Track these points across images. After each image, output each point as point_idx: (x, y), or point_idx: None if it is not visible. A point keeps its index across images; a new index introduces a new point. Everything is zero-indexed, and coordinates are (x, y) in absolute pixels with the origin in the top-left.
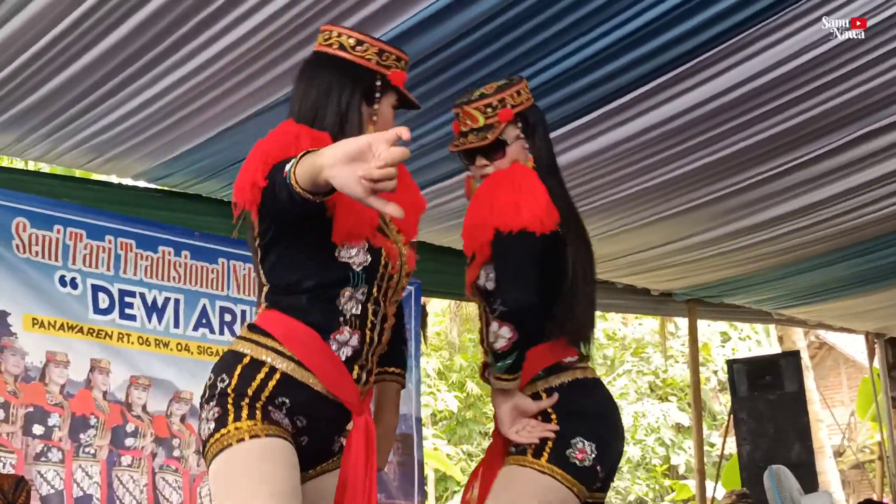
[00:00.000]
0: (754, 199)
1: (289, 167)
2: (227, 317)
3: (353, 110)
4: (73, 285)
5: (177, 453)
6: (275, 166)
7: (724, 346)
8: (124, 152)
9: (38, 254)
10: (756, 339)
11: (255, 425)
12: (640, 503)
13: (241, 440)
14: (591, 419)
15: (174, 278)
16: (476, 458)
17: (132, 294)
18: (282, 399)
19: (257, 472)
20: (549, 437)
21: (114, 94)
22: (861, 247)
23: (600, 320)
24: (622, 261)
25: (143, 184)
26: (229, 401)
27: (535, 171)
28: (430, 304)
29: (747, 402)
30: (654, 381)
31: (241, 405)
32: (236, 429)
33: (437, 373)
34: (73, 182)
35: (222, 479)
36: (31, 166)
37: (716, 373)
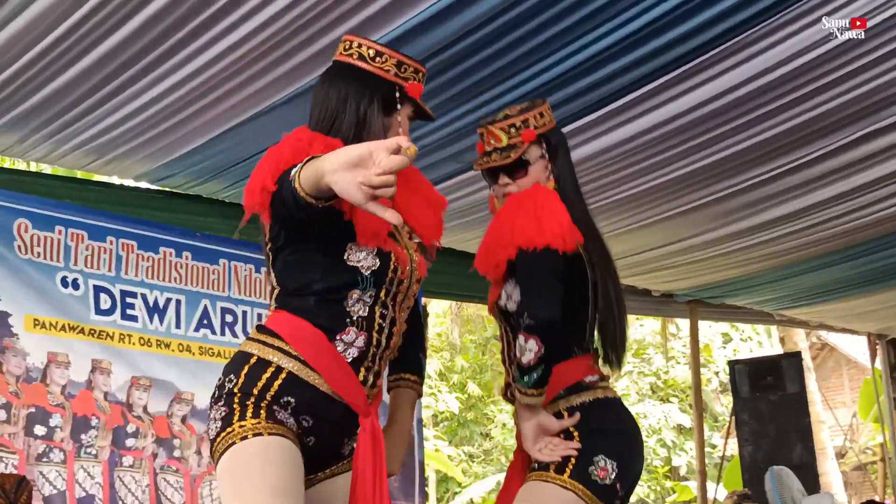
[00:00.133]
0: (756, 199)
1: (294, 171)
2: (229, 317)
3: (371, 120)
4: (75, 286)
5: (178, 454)
6: (285, 171)
7: (725, 348)
8: (125, 153)
9: (39, 255)
10: (757, 340)
11: (259, 423)
12: None
13: (244, 438)
14: (612, 437)
15: (175, 279)
16: (477, 459)
17: (133, 295)
18: (287, 398)
19: (259, 469)
20: (572, 455)
21: (115, 96)
22: (863, 247)
23: None
24: (623, 262)
25: (144, 185)
26: (235, 400)
27: (558, 192)
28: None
29: (749, 403)
30: (655, 382)
31: (247, 404)
32: (241, 427)
33: (439, 374)
34: (75, 183)
35: (227, 476)
36: (33, 167)
37: (717, 374)
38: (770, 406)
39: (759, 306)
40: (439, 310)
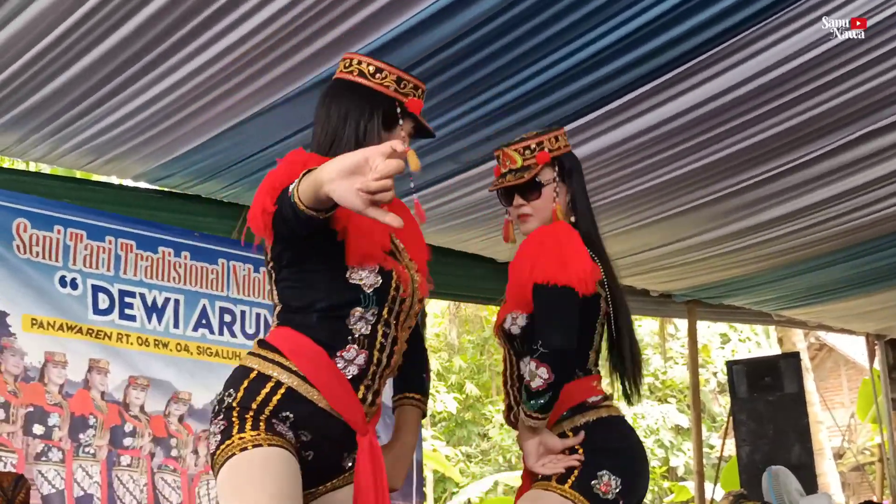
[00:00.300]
0: (754, 199)
1: (292, 186)
2: (227, 317)
3: (371, 136)
4: (74, 286)
5: (175, 453)
6: (283, 190)
7: (723, 348)
8: (124, 153)
9: (38, 254)
10: (756, 341)
11: (259, 435)
12: None
13: (243, 449)
14: (617, 455)
15: (174, 279)
16: (474, 460)
17: (132, 294)
18: (286, 413)
19: (259, 478)
20: (575, 467)
21: (114, 96)
22: (861, 248)
23: None
24: (621, 262)
25: (143, 185)
26: (234, 414)
27: (574, 213)
28: (428, 305)
29: (747, 403)
30: (653, 382)
31: (246, 418)
32: (240, 439)
33: (436, 374)
34: (74, 183)
35: (227, 487)
36: (32, 167)
37: (715, 374)
38: (768, 406)
39: (758, 306)
40: (437, 310)
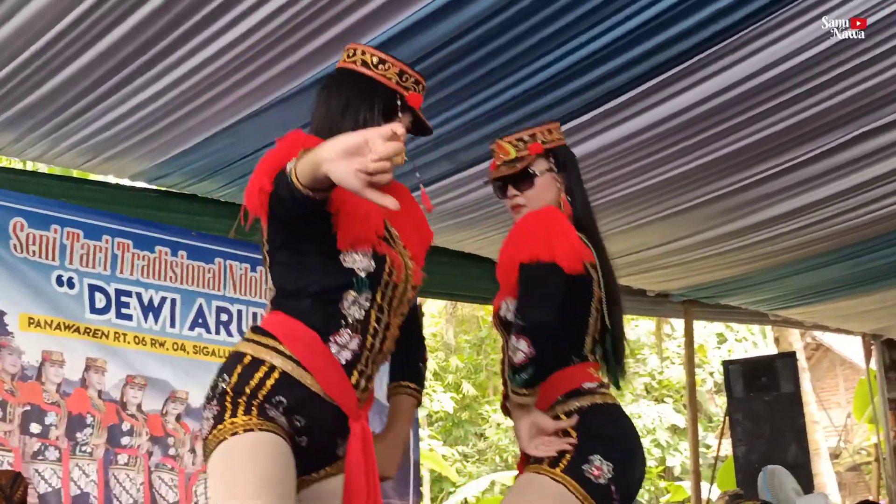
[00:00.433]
0: (751, 199)
1: (290, 165)
2: (224, 316)
3: (371, 125)
4: (70, 285)
5: (172, 452)
6: (280, 170)
7: (720, 348)
8: (121, 153)
9: (35, 253)
10: (752, 341)
11: (251, 420)
12: None
13: (235, 433)
14: (610, 441)
15: (171, 278)
16: (471, 459)
17: (129, 294)
18: (279, 398)
19: (250, 462)
20: (567, 451)
21: (111, 95)
22: (858, 247)
23: None
24: (618, 261)
25: (140, 184)
26: (227, 399)
27: (571, 206)
28: (425, 305)
29: (743, 403)
30: (649, 382)
31: (238, 402)
32: (232, 423)
33: (433, 374)
34: (71, 182)
35: (217, 470)
36: (29, 166)
37: (712, 374)
38: (764, 406)
39: (754, 306)
40: (434, 310)
